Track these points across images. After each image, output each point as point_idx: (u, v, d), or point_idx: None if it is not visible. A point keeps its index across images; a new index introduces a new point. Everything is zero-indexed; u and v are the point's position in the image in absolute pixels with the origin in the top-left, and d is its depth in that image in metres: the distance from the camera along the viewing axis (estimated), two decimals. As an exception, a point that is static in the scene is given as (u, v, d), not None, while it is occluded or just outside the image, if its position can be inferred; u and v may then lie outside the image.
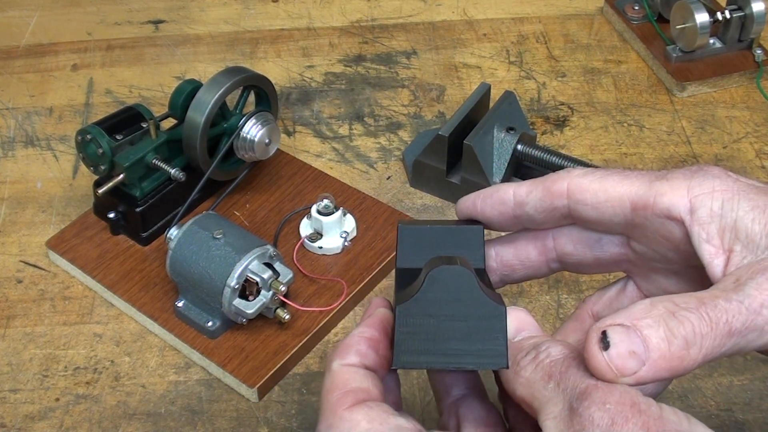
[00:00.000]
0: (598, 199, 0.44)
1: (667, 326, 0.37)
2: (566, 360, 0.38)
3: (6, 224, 0.81)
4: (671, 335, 0.36)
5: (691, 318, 0.37)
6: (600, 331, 0.37)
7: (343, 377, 0.41)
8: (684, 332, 0.37)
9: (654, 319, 0.37)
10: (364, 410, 0.39)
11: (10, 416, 0.67)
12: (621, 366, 0.36)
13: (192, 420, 0.67)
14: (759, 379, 0.68)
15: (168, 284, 0.73)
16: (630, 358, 0.36)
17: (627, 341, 0.36)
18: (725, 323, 0.37)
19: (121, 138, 0.75)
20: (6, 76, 0.97)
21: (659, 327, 0.37)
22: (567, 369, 0.37)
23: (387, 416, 0.39)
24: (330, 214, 0.76)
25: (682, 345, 0.37)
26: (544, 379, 0.38)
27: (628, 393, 0.35)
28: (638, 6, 1.00)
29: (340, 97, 0.93)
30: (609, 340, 0.36)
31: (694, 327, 0.37)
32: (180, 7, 1.05)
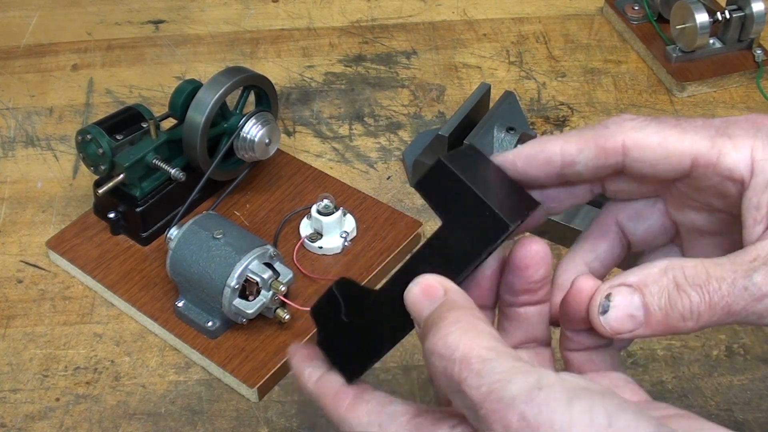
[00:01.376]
0: (657, 156, 0.42)
1: (668, 298, 0.39)
2: (451, 370, 0.36)
3: (6, 224, 0.81)
4: (670, 307, 0.39)
5: (692, 296, 0.38)
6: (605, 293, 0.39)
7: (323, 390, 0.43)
8: (682, 308, 0.38)
9: (659, 287, 0.39)
10: (362, 405, 0.41)
11: (10, 416, 0.67)
12: (618, 328, 0.39)
13: (192, 420, 0.67)
14: (759, 379, 0.68)
15: (168, 284, 0.73)
16: (628, 320, 0.39)
17: (628, 304, 0.39)
18: (725, 305, 0.38)
19: (121, 138, 0.75)
20: (6, 76, 0.97)
21: (662, 297, 0.39)
22: (459, 385, 0.36)
23: (382, 405, 0.41)
24: (330, 214, 0.76)
25: (678, 317, 0.39)
26: (450, 388, 0.37)
27: (525, 419, 0.34)
28: (638, 6, 1.00)
29: (340, 97, 0.93)
30: (610, 301, 0.39)
31: (692, 304, 0.38)
32: (180, 7, 1.05)
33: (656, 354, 0.70)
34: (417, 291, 0.40)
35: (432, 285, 0.39)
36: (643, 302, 0.39)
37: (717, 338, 0.71)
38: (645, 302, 0.39)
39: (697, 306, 0.38)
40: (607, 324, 0.39)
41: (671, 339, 0.71)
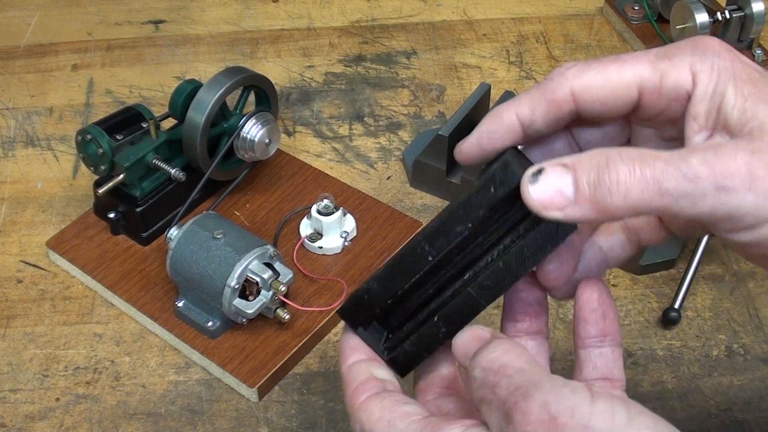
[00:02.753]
0: (605, 93, 0.43)
1: (597, 172, 0.38)
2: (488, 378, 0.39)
3: (6, 224, 0.81)
4: (597, 181, 0.38)
5: (620, 169, 0.38)
6: (538, 168, 0.39)
7: (351, 377, 0.44)
8: (609, 181, 0.38)
9: (590, 164, 0.39)
10: (377, 401, 0.42)
11: (10, 416, 0.67)
12: (547, 201, 0.39)
13: (192, 420, 0.67)
14: (759, 379, 0.68)
15: (168, 284, 0.73)
16: (556, 195, 0.39)
17: (557, 179, 0.39)
18: (656, 180, 0.38)
19: (121, 138, 0.75)
20: (6, 76, 0.97)
21: (591, 172, 0.39)
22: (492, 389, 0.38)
23: (397, 404, 0.41)
24: (330, 214, 0.76)
25: (604, 192, 0.38)
26: (479, 402, 0.39)
27: (547, 407, 0.36)
28: (638, 6, 1.00)
29: (340, 97, 0.93)
30: (540, 176, 0.39)
31: (619, 176, 0.38)
32: (180, 7, 1.05)
33: (656, 354, 0.70)
34: (467, 336, 0.42)
35: (481, 331, 0.42)
36: (574, 179, 0.39)
37: (717, 338, 0.71)
38: (575, 177, 0.39)
39: (625, 179, 0.38)
40: (534, 194, 0.39)
41: (671, 339, 0.71)
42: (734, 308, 0.73)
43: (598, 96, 0.43)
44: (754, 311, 0.73)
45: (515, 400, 0.36)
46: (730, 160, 0.38)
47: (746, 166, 0.38)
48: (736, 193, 0.38)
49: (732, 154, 0.38)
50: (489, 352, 0.39)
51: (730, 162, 0.38)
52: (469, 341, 0.42)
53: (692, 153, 0.38)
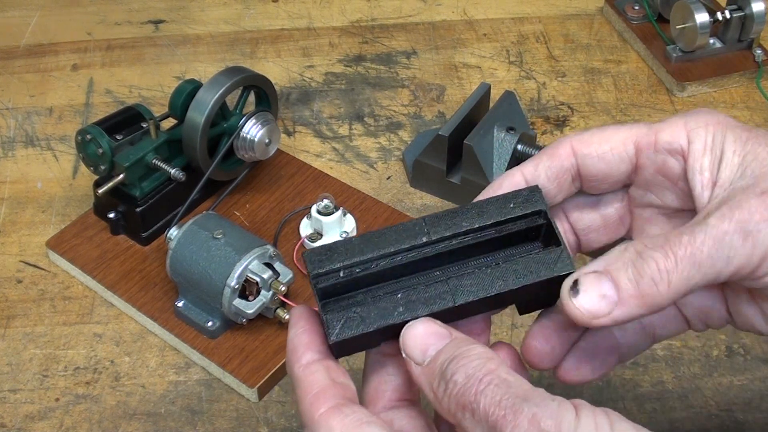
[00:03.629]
0: (603, 148, 0.45)
1: (634, 267, 0.39)
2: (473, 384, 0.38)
3: (6, 224, 0.81)
4: (638, 275, 0.39)
5: (655, 256, 0.39)
6: (572, 280, 0.40)
7: (308, 380, 0.41)
8: (650, 270, 0.39)
9: (623, 262, 0.40)
10: (338, 417, 0.40)
11: (10, 416, 0.67)
12: (593, 309, 0.40)
13: (192, 420, 0.67)
14: (759, 379, 0.68)
15: (168, 284, 0.73)
16: (601, 300, 0.39)
17: (597, 286, 0.39)
18: (690, 255, 0.39)
19: (121, 138, 0.75)
20: (6, 76, 0.97)
21: (627, 269, 0.39)
22: (476, 396, 0.37)
23: (360, 425, 0.39)
24: (330, 214, 0.76)
25: (649, 282, 0.39)
26: (460, 409, 0.38)
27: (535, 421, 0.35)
28: (638, 6, 1.00)
29: (340, 97, 0.93)
30: (579, 287, 0.40)
31: (658, 264, 0.39)
32: (180, 7, 1.05)
33: (656, 354, 0.70)
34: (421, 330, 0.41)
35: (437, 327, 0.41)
36: (612, 279, 0.39)
37: (717, 338, 0.71)
38: (613, 279, 0.39)
39: (664, 265, 0.39)
40: (581, 307, 0.40)
41: (671, 339, 0.71)
42: (734, 308, 0.73)
43: (596, 150, 0.45)
44: (754, 311, 0.73)
45: (503, 413, 0.36)
46: (746, 207, 0.39)
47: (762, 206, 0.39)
48: (763, 233, 0.39)
49: (745, 201, 0.39)
50: (470, 359, 0.39)
51: (746, 208, 0.39)
52: (426, 336, 0.41)
53: (708, 216, 0.40)
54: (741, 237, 0.39)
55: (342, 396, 0.41)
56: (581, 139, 0.45)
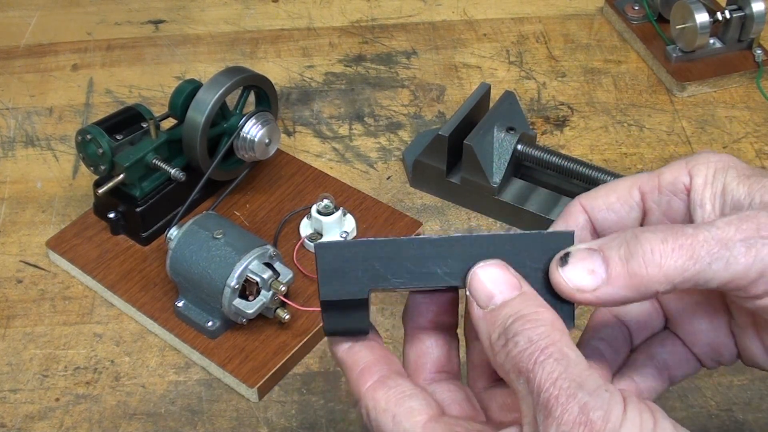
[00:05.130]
0: (610, 199, 0.45)
1: (627, 246, 0.39)
2: (534, 351, 0.38)
3: (6, 224, 0.81)
4: (629, 254, 0.39)
5: (651, 239, 0.39)
6: (564, 252, 0.40)
7: (352, 359, 0.43)
8: (642, 251, 0.39)
9: (618, 242, 0.40)
10: (383, 390, 0.41)
11: (10, 416, 0.67)
12: (578, 283, 0.40)
13: (192, 420, 0.67)
14: (759, 379, 0.68)
15: (168, 284, 0.73)
16: (588, 275, 0.39)
17: (588, 260, 0.40)
18: (689, 246, 0.39)
19: (121, 138, 0.75)
20: (6, 76, 0.97)
21: (620, 248, 0.39)
22: (534, 365, 0.37)
23: (403, 398, 0.41)
24: (330, 214, 0.76)
25: (639, 263, 0.39)
26: (515, 372, 0.38)
27: (585, 409, 0.36)
28: (638, 6, 1.00)
29: (340, 97, 0.93)
30: (569, 258, 0.40)
31: (652, 246, 0.39)
32: (180, 7, 1.05)
33: (656, 354, 0.70)
34: (493, 273, 0.41)
35: (508, 274, 0.41)
36: (603, 257, 0.39)
37: (717, 338, 0.71)
38: (605, 256, 0.39)
39: (658, 249, 0.39)
40: (567, 278, 0.40)
41: (671, 339, 0.71)
42: (734, 308, 0.73)
43: (604, 203, 0.46)
44: (754, 311, 0.73)
45: (556, 393, 0.36)
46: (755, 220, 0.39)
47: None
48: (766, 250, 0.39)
49: (754, 216, 0.39)
50: (537, 324, 0.38)
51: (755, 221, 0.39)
52: (496, 281, 0.40)
53: (718, 219, 0.40)
54: (744, 247, 0.39)
55: (387, 369, 0.42)
56: (588, 196, 0.46)
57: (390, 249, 0.42)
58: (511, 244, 0.42)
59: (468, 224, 0.80)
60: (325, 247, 0.42)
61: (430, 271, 0.42)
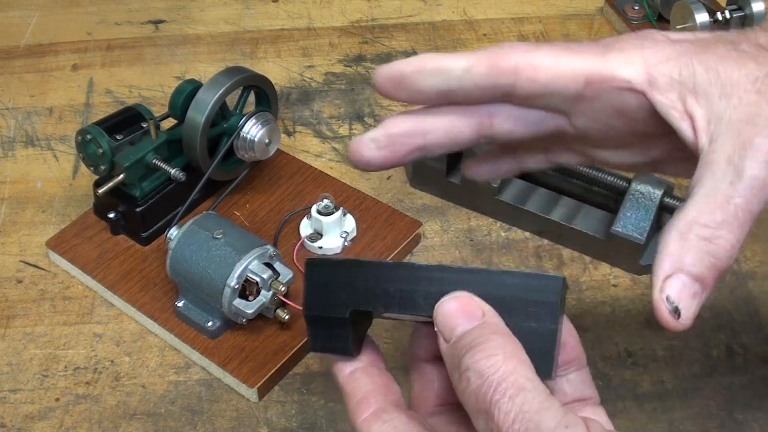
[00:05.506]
0: (550, 75, 0.42)
1: (709, 256, 0.39)
2: (487, 390, 0.36)
3: (6, 224, 0.81)
4: (715, 260, 0.39)
5: (724, 236, 0.39)
6: (665, 300, 0.39)
7: (351, 387, 0.43)
8: (723, 252, 0.39)
9: (696, 255, 0.39)
10: (377, 423, 0.41)
11: (10, 416, 0.67)
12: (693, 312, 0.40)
13: (192, 420, 0.67)
14: (759, 379, 0.68)
15: (168, 284, 0.73)
16: (694, 299, 0.39)
17: (688, 294, 0.39)
18: (748, 213, 0.39)
19: (121, 138, 0.75)
20: (6, 76, 0.97)
21: (704, 260, 0.39)
22: (490, 405, 0.36)
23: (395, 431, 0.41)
24: (330, 214, 0.76)
25: (726, 259, 0.39)
26: (474, 410, 0.37)
27: None
28: (638, 6, 1.00)
29: (340, 97, 0.93)
30: (676, 304, 0.39)
31: (728, 240, 0.39)
32: (180, 7, 1.05)
33: (656, 354, 0.70)
34: (455, 306, 0.39)
35: (471, 304, 0.39)
36: (695, 277, 0.39)
37: (717, 338, 0.71)
38: (696, 276, 0.39)
39: (731, 237, 0.39)
40: (687, 320, 0.40)
41: (671, 339, 0.71)
42: (734, 308, 0.73)
43: (543, 77, 0.42)
44: (754, 311, 0.73)
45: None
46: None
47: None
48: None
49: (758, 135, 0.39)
50: (489, 354, 0.37)
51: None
52: (457, 313, 0.39)
53: (742, 167, 0.39)
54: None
55: (384, 401, 0.42)
56: (529, 59, 0.42)
57: (378, 272, 0.41)
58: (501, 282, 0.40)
59: (468, 224, 0.80)
60: (314, 264, 0.43)
61: (413, 300, 0.41)
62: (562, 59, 0.42)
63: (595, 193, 0.78)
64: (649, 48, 0.42)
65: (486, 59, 0.42)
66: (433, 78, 0.43)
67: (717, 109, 0.40)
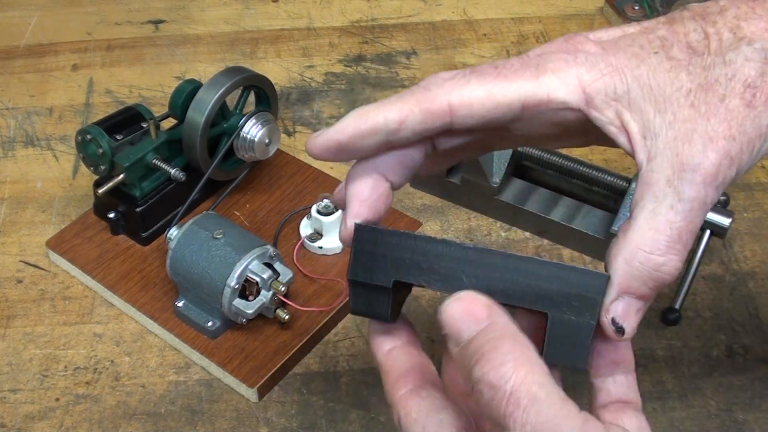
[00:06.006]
0: (486, 108, 0.42)
1: (655, 280, 0.40)
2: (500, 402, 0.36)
3: (6, 224, 0.81)
4: (661, 281, 0.40)
5: (670, 261, 0.40)
6: (611, 322, 0.41)
7: (389, 365, 0.43)
8: (669, 274, 0.40)
9: (641, 280, 0.40)
10: (416, 400, 0.41)
11: (10, 416, 0.67)
12: (635, 327, 0.42)
13: (192, 420, 0.67)
14: (759, 379, 0.68)
15: (168, 284, 0.73)
16: (637, 315, 0.41)
17: (632, 312, 0.40)
18: (691, 232, 0.40)
19: (121, 138, 0.75)
20: (6, 76, 0.97)
21: (649, 283, 0.40)
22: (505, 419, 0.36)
23: (434, 410, 0.41)
24: (330, 214, 0.76)
25: (671, 278, 0.40)
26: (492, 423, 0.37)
27: None
28: (638, 6, 1.00)
29: (340, 97, 0.93)
30: (621, 325, 0.41)
31: (674, 263, 0.40)
32: (180, 7, 1.05)
33: (656, 354, 0.70)
34: (458, 309, 0.39)
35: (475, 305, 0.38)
36: (636, 295, 0.40)
37: (717, 338, 0.71)
38: (639, 295, 0.40)
39: (674, 262, 0.40)
40: (630, 335, 0.41)
41: (671, 339, 0.71)
42: (734, 308, 0.73)
43: (478, 111, 0.41)
44: (754, 311, 0.73)
45: None
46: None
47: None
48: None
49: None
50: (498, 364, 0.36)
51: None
52: (461, 317, 0.38)
53: (679, 190, 0.40)
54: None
55: (421, 379, 0.42)
56: (462, 97, 0.41)
57: (426, 246, 0.42)
58: (547, 272, 0.41)
59: (468, 224, 0.80)
60: (364, 229, 0.43)
61: (457, 278, 0.42)
62: (495, 89, 0.41)
63: (595, 193, 0.78)
64: (582, 64, 0.41)
65: (418, 106, 0.42)
66: (370, 139, 0.43)
67: (652, 125, 0.40)
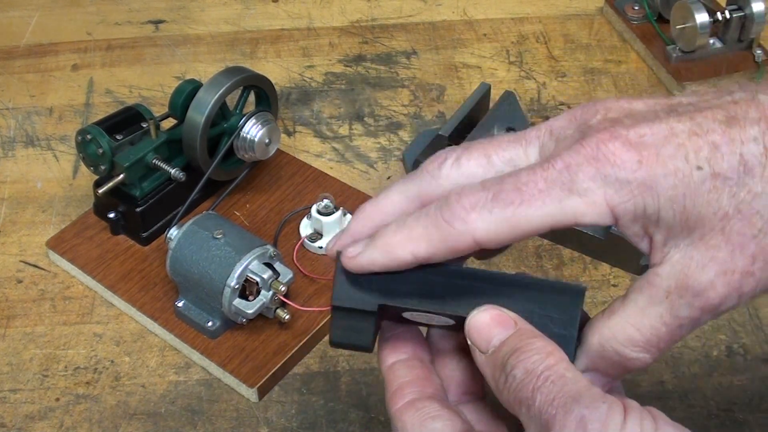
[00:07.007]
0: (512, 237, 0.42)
1: (622, 368, 0.42)
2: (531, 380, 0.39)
3: (6, 224, 0.81)
4: (627, 370, 0.42)
5: (641, 357, 0.41)
6: None
7: (389, 378, 0.45)
8: (636, 368, 0.41)
9: (610, 365, 0.42)
10: (411, 411, 0.43)
11: (10, 416, 0.67)
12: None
13: (192, 420, 0.67)
14: (759, 379, 0.68)
15: (168, 284, 0.73)
16: (604, 388, 0.41)
17: (598, 385, 0.40)
18: (669, 342, 0.41)
19: (121, 138, 0.75)
20: (6, 76, 0.97)
21: (616, 369, 0.42)
22: (533, 392, 0.38)
23: (427, 420, 0.42)
24: (330, 214, 0.76)
25: (638, 371, 0.42)
26: (517, 403, 0.39)
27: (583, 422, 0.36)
28: (638, 6, 1.00)
29: (340, 97, 0.93)
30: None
31: (643, 361, 0.41)
32: (180, 7, 1.05)
33: (656, 354, 0.70)
34: (487, 318, 0.42)
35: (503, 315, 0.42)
36: (601, 373, 0.42)
37: (717, 338, 0.71)
38: (603, 373, 0.42)
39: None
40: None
41: (671, 339, 0.71)
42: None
43: (504, 240, 0.42)
44: (754, 311, 0.73)
45: (554, 412, 0.37)
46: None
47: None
48: None
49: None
50: (532, 353, 0.39)
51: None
52: (491, 325, 0.41)
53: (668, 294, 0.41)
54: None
55: (419, 392, 0.44)
56: (487, 232, 0.41)
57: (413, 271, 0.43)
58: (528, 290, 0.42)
59: (468, 224, 0.80)
60: None
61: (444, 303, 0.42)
62: (521, 221, 0.41)
63: (595, 193, 0.78)
64: (612, 185, 0.40)
65: (443, 244, 0.42)
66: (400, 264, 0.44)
67: (676, 238, 0.41)
